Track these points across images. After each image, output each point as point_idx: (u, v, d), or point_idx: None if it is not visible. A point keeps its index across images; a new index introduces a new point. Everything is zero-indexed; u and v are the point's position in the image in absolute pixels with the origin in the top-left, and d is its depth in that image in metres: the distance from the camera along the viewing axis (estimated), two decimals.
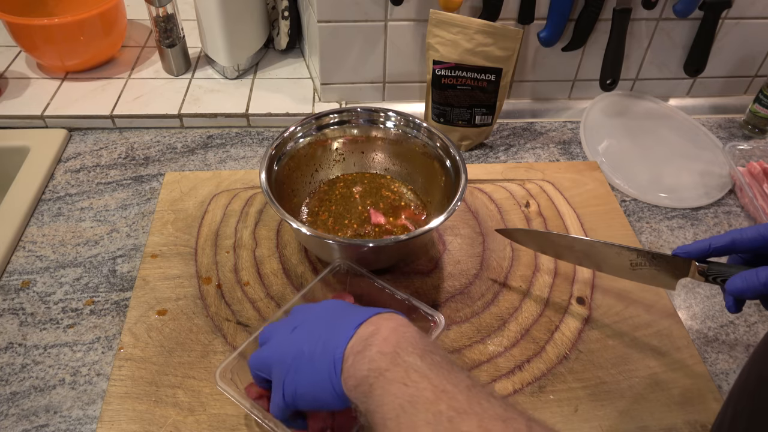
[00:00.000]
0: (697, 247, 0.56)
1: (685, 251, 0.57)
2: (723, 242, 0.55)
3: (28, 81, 0.99)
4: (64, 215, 0.79)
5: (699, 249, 0.56)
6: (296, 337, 0.50)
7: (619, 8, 0.86)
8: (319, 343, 0.47)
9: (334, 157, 0.80)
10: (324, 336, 0.47)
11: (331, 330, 0.48)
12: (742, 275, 0.52)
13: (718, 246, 0.55)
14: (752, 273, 0.51)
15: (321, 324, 0.49)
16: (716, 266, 0.56)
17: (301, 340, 0.49)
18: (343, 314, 0.49)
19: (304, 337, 0.49)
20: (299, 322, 0.52)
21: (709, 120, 1.00)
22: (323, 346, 0.47)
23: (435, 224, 0.64)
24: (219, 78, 1.01)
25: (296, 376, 0.48)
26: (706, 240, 0.56)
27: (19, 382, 0.62)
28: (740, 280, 0.52)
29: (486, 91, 0.86)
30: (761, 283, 0.51)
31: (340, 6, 0.85)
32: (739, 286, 0.52)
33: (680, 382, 0.63)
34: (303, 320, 0.52)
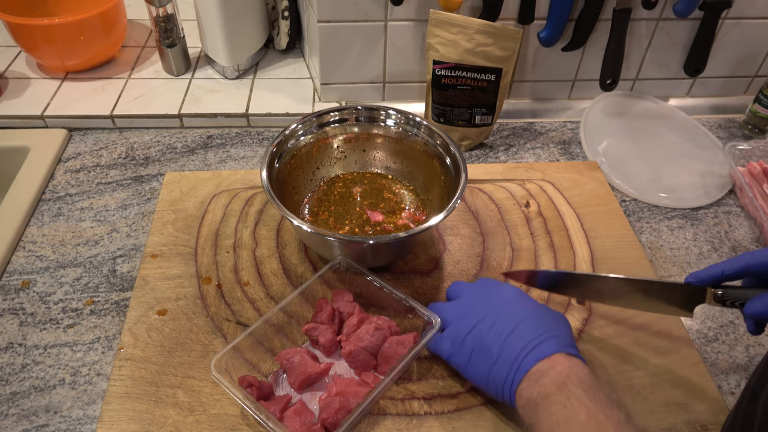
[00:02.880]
0: (708, 273, 0.56)
1: (697, 279, 0.57)
2: (735, 268, 0.55)
3: (28, 81, 0.99)
4: (64, 215, 0.79)
5: (711, 275, 0.56)
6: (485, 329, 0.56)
7: (619, 8, 0.86)
8: (503, 352, 0.54)
9: (335, 155, 0.80)
10: (510, 348, 0.54)
11: (518, 344, 0.53)
12: (762, 297, 0.52)
13: (730, 272, 0.55)
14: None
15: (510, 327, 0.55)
16: (732, 290, 0.56)
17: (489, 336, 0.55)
18: (533, 330, 0.54)
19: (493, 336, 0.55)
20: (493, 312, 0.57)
21: (709, 120, 1.00)
22: (505, 358, 0.54)
23: (435, 222, 0.64)
24: (219, 78, 1.01)
25: (475, 365, 0.56)
26: (718, 266, 0.56)
27: (19, 382, 0.62)
28: (759, 303, 0.52)
29: (486, 91, 0.86)
30: None
31: (340, 6, 0.85)
32: (759, 309, 0.52)
33: (680, 382, 0.63)
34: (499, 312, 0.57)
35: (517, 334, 0.54)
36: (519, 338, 0.54)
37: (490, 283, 0.62)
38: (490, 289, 0.61)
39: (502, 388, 0.53)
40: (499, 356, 0.54)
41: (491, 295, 0.59)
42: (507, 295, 0.59)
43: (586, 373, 0.51)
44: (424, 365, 0.63)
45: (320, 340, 0.62)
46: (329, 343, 0.62)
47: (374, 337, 0.60)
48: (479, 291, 0.61)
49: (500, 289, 0.60)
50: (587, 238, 0.78)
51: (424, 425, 0.58)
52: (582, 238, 0.77)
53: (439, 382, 0.62)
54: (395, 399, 0.60)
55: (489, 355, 0.55)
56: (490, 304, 0.58)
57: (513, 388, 0.52)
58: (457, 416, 0.59)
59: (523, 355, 0.53)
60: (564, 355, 0.52)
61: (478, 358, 0.56)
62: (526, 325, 0.55)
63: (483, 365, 0.55)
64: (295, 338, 0.65)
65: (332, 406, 0.55)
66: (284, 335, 0.64)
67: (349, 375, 0.61)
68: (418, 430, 0.58)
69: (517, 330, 0.54)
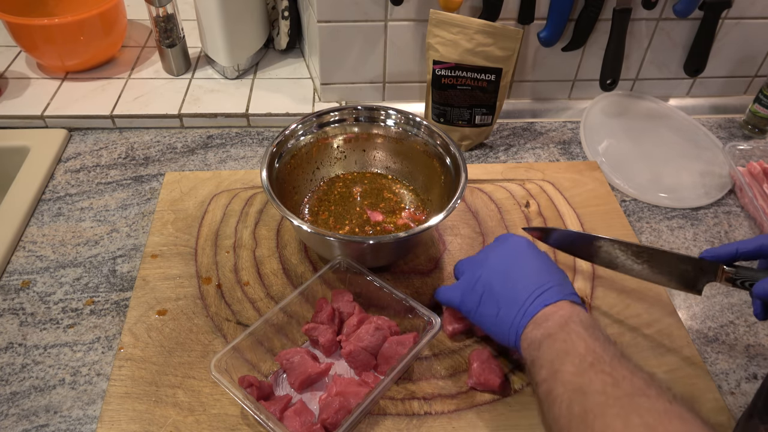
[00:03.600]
0: (724, 250, 0.57)
1: (712, 254, 0.58)
2: (750, 247, 0.56)
3: (28, 81, 0.99)
4: (64, 215, 0.79)
5: (726, 252, 0.57)
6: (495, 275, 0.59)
7: (619, 8, 0.86)
8: (510, 298, 0.56)
9: (335, 155, 0.80)
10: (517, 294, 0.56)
11: (524, 290, 0.56)
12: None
13: (745, 250, 0.56)
14: None
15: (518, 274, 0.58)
16: (744, 270, 0.56)
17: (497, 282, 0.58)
18: (539, 278, 0.56)
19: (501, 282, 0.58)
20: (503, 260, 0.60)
21: (709, 120, 1.00)
22: (512, 303, 0.56)
23: (435, 222, 0.64)
24: (219, 78, 1.01)
25: (484, 310, 0.58)
26: (734, 244, 0.57)
27: (19, 382, 0.62)
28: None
29: (486, 91, 0.86)
30: None
31: (340, 6, 0.85)
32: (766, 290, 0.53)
33: (680, 382, 0.63)
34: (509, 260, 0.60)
35: (524, 281, 0.56)
36: (526, 285, 0.56)
37: (503, 236, 0.64)
38: (502, 240, 0.63)
39: (508, 331, 0.55)
40: (506, 301, 0.56)
41: (503, 245, 0.62)
42: (517, 245, 0.61)
43: (587, 316, 0.53)
44: (424, 365, 0.63)
45: (320, 340, 0.62)
46: (329, 343, 0.62)
47: (374, 337, 0.60)
48: (493, 244, 0.64)
49: (511, 239, 0.62)
50: None
51: (424, 425, 0.58)
52: None
53: (439, 382, 0.62)
54: (395, 399, 0.60)
55: (496, 300, 0.57)
56: (501, 254, 0.61)
57: (519, 332, 0.54)
58: (457, 416, 0.59)
59: (530, 301, 0.55)
60: (568, 302, 0.54)
61: (487, 302, 0.58)
62: (533, 273, 0.57)
63: (491, 310, 0.57)
64: (295, 338, 0.65)
65: (332, 406, 0.55)
66: (284, 335, 0.64)
67: (349, 375, 0.61)
68: (418, 430, 0.58)
69: (524, 278, 0.57)
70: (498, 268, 0.59)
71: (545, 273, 0.57)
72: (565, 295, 0.55)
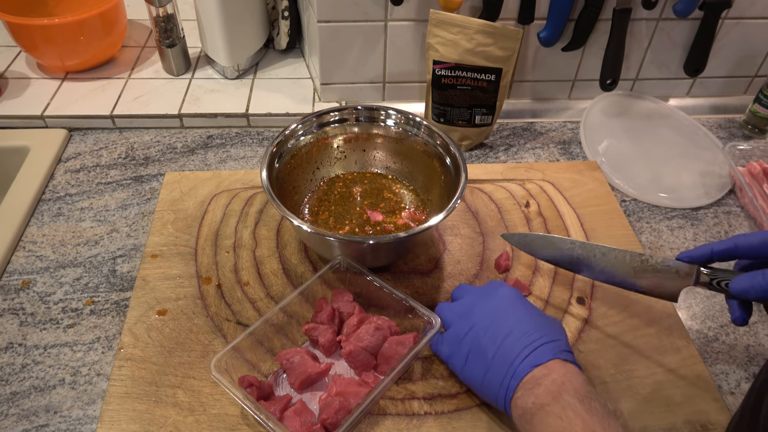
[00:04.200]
0: (699, 252, 0.57)
1: (688, 257, 0.58)
2: (724, 247, 0.55)
3: (28, 81, 0.99)
4: (64, 215, 0.79)
5: (701, 254, 0.57)
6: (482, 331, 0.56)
7: (619, 8, 0.86)
8: (498, 356, 0.54)
9: (335, 155, 0.80)
10: (505, 353, 0.53)
11: (513, 348, 0.53)
12: (747, 275, 0.53)
13: (719, 250, 0.56)
14: (758, 274, 0.52)
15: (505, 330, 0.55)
16: (720, 271, 0.56)
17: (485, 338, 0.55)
18: (528, 335, 0.54)
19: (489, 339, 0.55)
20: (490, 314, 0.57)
21: (709, 120, 1.00)
22: (500, 362, 0.53)
23: (435, 222, 0.64)
24: (219, 78, 1.01)
25: (471, 368, 0.56)
26: (708, 245, 0.56)
27: (19, 382, 0.62)
28: (745, 280, 0.53)
29: (486, 91, 0.86)
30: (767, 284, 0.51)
31: (340, 6, 0.85)
32: (744, 285, 0.53)
33: (680, 382, 0.63)
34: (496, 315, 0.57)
35: (512, 338, 0.54)
36: (514, 343, 0.54)
37: (491, 286, 0.61)
38: (490, 291, 0.60)
39: (496, 393, 0.53)
40: (494, 360, 0.54)
41: (490, 297, 0.59)
42: (505, 298, 0.59)
43: (581, 381, 0.50)
44: (424, 365, 0.63)
45: (320, 340, 0.62)
46: (329, 343, 0.62)
47: (374, 337, 0.60)
48: (480, 293, 0.61)
49: (499, 291, 0.60)
50: (587, 238, 0.78)
51: (424, 425, 0.58)
52: (582, 238, 0.77)
53: (439, 382, 0.62)
54: (395, 399, 0.60)
55: (484, 359, 0.55)
56: (488, 307, 0.58)
57: (508, 396, 0.52)
58: (457, 416, 0.59)
59: (519, 361, 0.52)
60: (559, 362, 0.52)
61: (474, 360, 0.56)
62: (521, 329, 0.54)
63: (478, 368, 0.55)
64: (295, 338, 0.65)
65: (332, 406, 0.55)
66: (284, 335, 0.64)
67: (349, 375, 0.61)
68: (418, 430, 0.58)
69: (512, 334, 0.54)
70: (484, 322, 0.56)
71: (535, 328, 0.55)
72: (557, 352, 0.52)
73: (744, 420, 0.48)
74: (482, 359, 0.55)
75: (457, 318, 0.59)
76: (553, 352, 0.52)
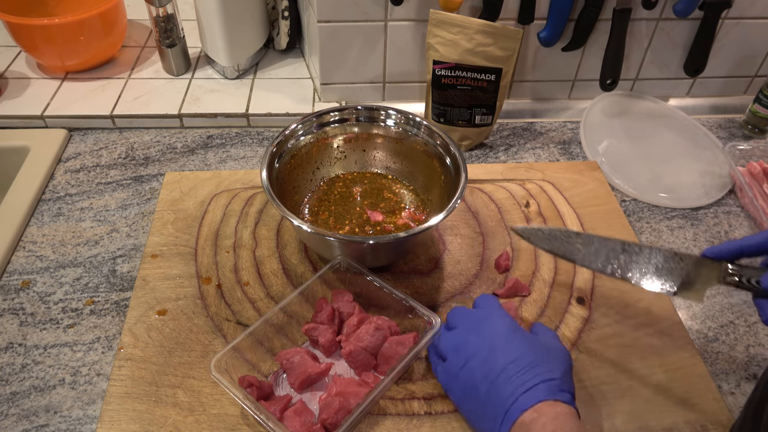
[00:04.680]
0: (727, 248, 0.55)
1: (714, 253, 0.55)
2: (755, 242, 0.53)
3: (28, 81, 0.99)
4: (64, 215, 0.79)
5: (729, 250, 0.54)
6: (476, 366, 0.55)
7: (619, 8, 0.86)
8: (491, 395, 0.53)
9: (335, 155, 0.80)
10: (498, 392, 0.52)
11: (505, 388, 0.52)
12: None
13: (749, 247, 0.53)
14: None
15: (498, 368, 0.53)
16: (748, 268, 0.54)
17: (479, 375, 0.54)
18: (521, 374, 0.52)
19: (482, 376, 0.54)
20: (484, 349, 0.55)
21: (709, 120, 1.00)
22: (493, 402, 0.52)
23: (435, 222, 0.64)
24: (219, 78, 1.01)
25: (467, 405, 0.56)
26: (737, 241, 0.54)
27: (19, 382, 0.62)
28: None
29: (486, 91, 0.86)
30: None
31: (340, 6, 0.85)
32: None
33: (680, 382, 0.63)
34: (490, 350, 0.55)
35: (504, 376, 0.52)
36: (506, 382, 0.52)
37: (485, 312, 0.59)
38: (483, 320, 0.58)
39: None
40: (488, 399, 0.53)
41: (484, 328, 0.57)
42: (499, 330, 0.56)
43: (572, 426, 0.49)
44: (424, 365, 0.63)
45: (320, 340, 0.62)
46: (329, 343, 0.62)
47: (374, 337, 0.60)
48: (473, 321, 0.59)
49: (493, 321, 0.58)
50: None
51: (424, 425, 0.58)
52: None
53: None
54: (395, 399, 0.60)
55: (478, 397, 0.54)
56: (482, 339, 0.56)
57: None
58: (457, 416, 0.59)
59: (510, 402, 0.51)
60: (550, 404, 0.50)
61: (469, 397, 0.55)
62: (514, 367, 0.53)
63: (473, 406, 0.55)
64: (295, 338, 0.65)
65: (332, 406, 0.55)
66: (284, 335, 0.64)
67: (349, 375, 0.61)
68: (418, 430, 0.58)
69: (504, 372, 0.53)
70: (478, 358, 0.55)
71: (530, 365, 0.53)
72: (548, 394, 0.50)
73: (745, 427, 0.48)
74: (476, 397, 0.54)
75: (453, 351, 0.58)
76: (545, 393, 0.51)
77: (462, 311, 0.61)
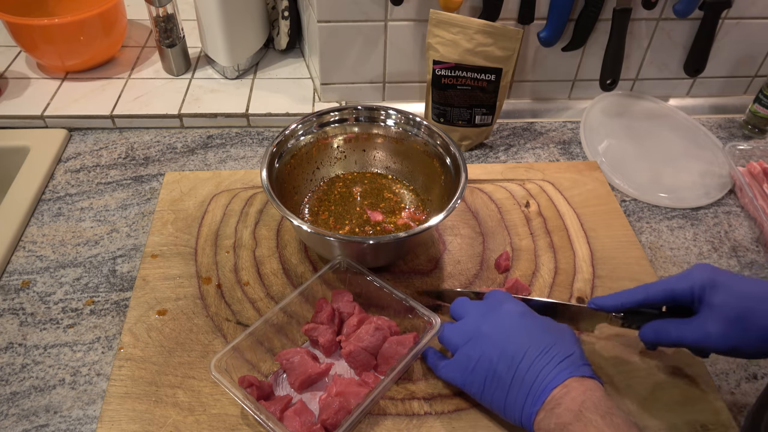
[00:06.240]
0: (609, 302, 0.60)
1: (597, 305, 0.60)
2: (633, 302, 0.58)
3: (28, 81, 0.99)
4: (64, 215, 0.79)
5: (611, 304, 0.59)
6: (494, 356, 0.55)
7: (619, 8, 0.86)
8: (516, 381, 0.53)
9: (335, 154, 0.80)
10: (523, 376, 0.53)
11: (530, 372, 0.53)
12: (654, 327, 0.57)
13: (628, 304, 0.59)
14: (664, 327, 0.56)
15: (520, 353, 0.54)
16: (631, 316, 0.60)
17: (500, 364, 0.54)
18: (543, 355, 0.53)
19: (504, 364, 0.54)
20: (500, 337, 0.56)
21: (709, 120, 1.00)
22: (519, 386, 0.53)
23: (435, 222, 0.64)
24: (219, 78, 1.01)
25: (491, 395, 0.55)
26: (618, 296, 0.59)
27: (19, 382, 0.62)
28: (652, 332, 0.58)
29: (486, 91, 0.86)
30: (671, 341, 0.56)
31: (340, 6, 0.85)
32: (651, 337, 0.58)
33: (680, 382, 0.63)
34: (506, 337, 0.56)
35: (527, 360, 0.53)
36: (530, 365, 0.53)
37: (493, 300, 0.60)
38: (493, 308, 0.59)
39: (520, 417, 0.53)
40: (513, 386, 0.53)
41: (495, 316, 0.58)
42: (511, 316, 0.57)
43: (600, 396, 0.50)
44: (424, 365, 0.63)
45: (320, 341, 0.62)
46: (329, 343, 0.62)
47: (374, 337, 0.60)
48: (483, 310, 0.59)
49: (503, 307, 0.58)
50: (587, 238, 0.78)
51: (424, 425, 0.58)
52: (582, 238, 0.77)
53: (439, 382, 0.62)
54: (395, 399, 0.60)
55: (502, 385, 0.54)
56: (495, 328, 0.56)
57: (531, 419, 0.52)
58: (457, 416, 0.59)
59: (537, 384, 0.52)
60: (577, 379, 0.51)
61: (492, 387, 0.55)
62: (535, 348, 0.53)
63: (498, 394, 0.54)
64: (295, 338, 0.65)
65: (332, 407, 0.55)
66: (284, 335, 0.64)
67: (349, 375, 0.61)
68: (418, 430, 0.58)
69: (527, 356, 0.53)
70: (496, 345, 0.55)
71: (548, 345, 0.54)
72: (574, 369, 0.52)
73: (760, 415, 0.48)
74: (500, 385, 0.54)
75: (464, 342, 0.57)
76: (570, 370, 0.52)
77: (466, 301, 0.62)
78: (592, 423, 0.47)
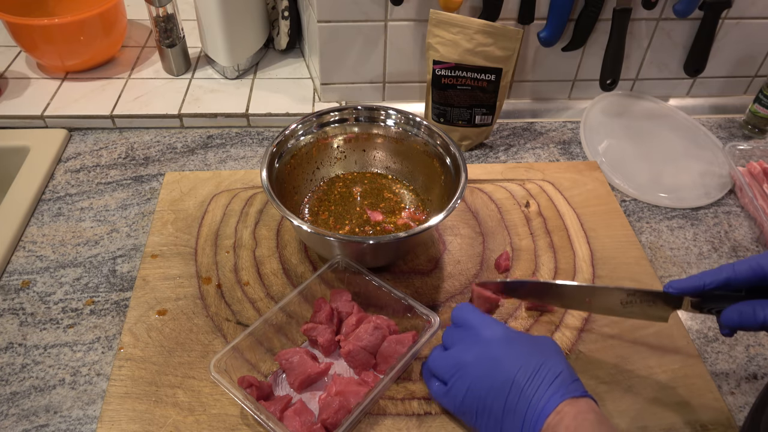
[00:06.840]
0: (690, 284, 0.55)
1: (677, 289, 0.56)
2: (717, 282, 0.54)
3: (28, 81, 0.99)
4: (64, 215, 0.79)
5: (692, 286, 0.55)
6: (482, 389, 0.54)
7: (619, 8, 0.86)
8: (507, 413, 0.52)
9: (335, 155, 0.80)
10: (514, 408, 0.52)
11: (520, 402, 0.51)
12: (739, 309, 0.52)
13: (712, 285, 0.54)
14: (749, 309, 0.51)
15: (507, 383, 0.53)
16: (709, 300, 0.55)
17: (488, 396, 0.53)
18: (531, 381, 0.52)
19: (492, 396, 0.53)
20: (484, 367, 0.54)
21: (709, 120, 1.00)
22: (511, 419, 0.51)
23: (434, 222, 0.64)
24: (219, 78, 1.01)
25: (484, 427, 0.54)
26: (699, 277, 0.55)
27: (19, 382, 0.62)
28: (736, 314, 0.52)
29: (486, 91, 0.86)
30: (758, 323, 0.51)
31: (340, 6, 0.85)
32: (736, 320, 0.52)
33: (680, 382, 0.63)
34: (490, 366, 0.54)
35: (515, 390, 0.52)
36: (520, 395, 0.52)
37: (476, 330, 0.57)
38: (473, 336, 0.57)
39: None
40: (505, 418, 0.52)
41: (476, 345, 0.56)
42: (492, 344, 0.55)
43: (593, 419, 0.49)
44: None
45: (319, 340, 0.62)
46: (328, 342, 0.62)
47: (373, 337, 0.60)
48: (465, 341, 0.57)
49: (483, 334, 0.56)
50: (587, 238, 0.78)
51: (424, 425, 0.58)
52: (582, 238, 0.78)
53: None
54: (395, 399, 0.60)
55: (495, 417, 0.53)
56: (478, 358, 0.55)
57: None
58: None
59: (530, 413, 0.50)
60: (570, 402, 0.50)
61: (484, 420, 0.54)
62: (522, 375, 0.52)
63: (491, 424, 0.53)
64: (295, 338, 0.65)
65: (332, 406, 0.55)
66: (284, 335, 0.64)
67: (349, 374, 0.61)
68: (418, 430, 0.58)
69: (515, 385, 0.52)
70: (483, 378, 0.54)
71: (534, 368, 0.52)
72: (564, 392, 0.51)
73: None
74: (493, 418, 0.53)
75: (451, 375, 0.56)
76: (561, 392, 0.51)
77: (452, 332, 0.59)
78: None
